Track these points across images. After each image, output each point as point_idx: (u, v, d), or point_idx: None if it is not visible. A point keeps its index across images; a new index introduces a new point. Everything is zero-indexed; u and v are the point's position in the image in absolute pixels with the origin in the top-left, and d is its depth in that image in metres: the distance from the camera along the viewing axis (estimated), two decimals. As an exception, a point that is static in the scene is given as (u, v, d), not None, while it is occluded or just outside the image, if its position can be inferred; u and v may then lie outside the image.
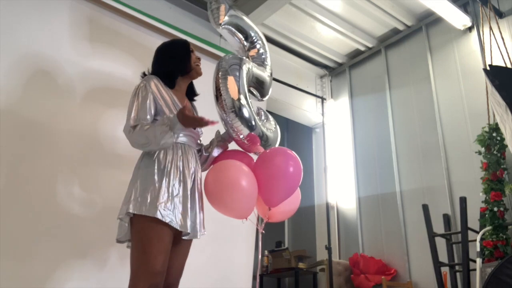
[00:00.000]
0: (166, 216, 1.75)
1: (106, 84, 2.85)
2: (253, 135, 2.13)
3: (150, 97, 1.90)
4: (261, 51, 2.53)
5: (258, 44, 2.54)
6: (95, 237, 2.51)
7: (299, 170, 2.17)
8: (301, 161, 2.21)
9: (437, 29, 4.79)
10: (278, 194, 2.14)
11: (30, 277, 2.26)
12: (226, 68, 2.14)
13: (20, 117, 2.45)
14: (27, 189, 2.37)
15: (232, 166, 2.05)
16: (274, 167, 2.12)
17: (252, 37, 2.53)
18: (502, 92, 3.15)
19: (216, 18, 2.49)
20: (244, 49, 2.53)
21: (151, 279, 1.68)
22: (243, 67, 2.20)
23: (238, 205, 2.03)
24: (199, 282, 2.77)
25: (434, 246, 3.61)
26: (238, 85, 2.11)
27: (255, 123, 2.14)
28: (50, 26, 2.72)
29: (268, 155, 2.19)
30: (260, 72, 2.41)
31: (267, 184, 2.09)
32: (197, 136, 2.06)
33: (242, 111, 2.08)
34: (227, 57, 2.23)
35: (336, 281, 4.45)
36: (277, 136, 2.33)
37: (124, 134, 1.88)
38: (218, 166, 2.06)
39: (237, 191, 1.99)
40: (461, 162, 4.19)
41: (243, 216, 2.07)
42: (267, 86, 2.48)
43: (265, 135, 2.20)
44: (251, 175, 2.06)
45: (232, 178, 2.00)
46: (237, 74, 2.14)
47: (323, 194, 5.23)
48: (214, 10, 2.50)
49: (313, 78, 5.88)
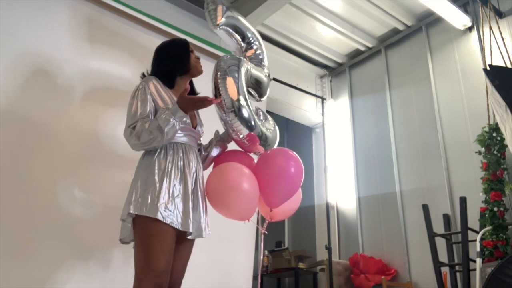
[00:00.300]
0: (167, 217, 1.75)
1: (106, 84, 2.84)
2: (253, 135, 2.14)
3: (149, 98, 1.90)
4: (258, 52, 2.54)
5: (255, 45, 2.54)
6: (97, 238, 2.50)
7: (301, 171, 2.17)
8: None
9: (437, 29, 4.79)
10: (279, 195, 2.14)
11: (32, 278, 2.26)
12: (224, 68, 2.14)
13: (20, 117, 2.45)
14: (27, 189, 2.37)
15: (233, 169, 2.05)
16: (275, 167, 2.12)
17: (249, 38, 2.54)
18: (502, 92, 3.15)
19: (214, 19, 2.49)
20: (242, 50, 2.54)
21: (155, 279, 1.69)
22: (242, 67, 2.20)
23: (240, 208, 2.03)
24: (200, 282, 2.77)
25: (434, 246, 3.61)
26: (237, 85, 2.12)
27: (254, 123, 2.14)
28: (50, 26, 2.71)
29: (269, 156, 2.19)
30: (258, 72, 2.42)
31: (269, 185, 2.09)
32: (197, 136, 2.06)
33: (242, 111, 2.09)
34: (226, 57, 2.23)
35: (336, 281, 4.45)
36: (276, 136, 2.33)
37: (125, 137, 1.86)
38: (219, 169, 2.06)
39: (238, 194, 1.99)
40: (461, 162, 4.19)
41: (245, 218, 2.07)
42: (265, 86, 2.49)
43: (264, 135, 2.21)
44: (253, 177, 2.06)
45: (234, 182, 2.00)
46: (236, 75, 2.14)
47: (323, 194, 5.23)
48: (211, 11, 2.50)
49: (313, 78, 5.88)
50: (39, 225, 2.35)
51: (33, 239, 2.32)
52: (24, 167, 2.39)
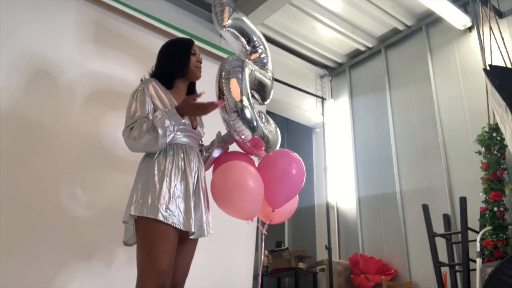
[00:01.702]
0: (168, 218, 1.76)
1: (107, 86, 2.85)
2: (258, 138, 2.15)
3: (148, 100, 1.90)
4: (263, 56, 2.54)
5: (260, 48, 2.55)
6: (99, 238, 2.51)
7: (302, 172, 2.20)
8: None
9: (437, 29, 4.79)
10: (282, 195, 2.16)
11: (34, 279, 2.26)
12: (229, 70, 2.14)
13: (22, 118, 2.45)
14: (28, 190, 2.37)
15: (240, 167, 2.06)
16: (278, 169, 2.14)
17: (255, 42, 2.54)
18: (502, 92, 3.15)
19: (220, 20, 2.50)
20: (246, 53, 2.54)
21: (157, 279, 1.69)
22: (246, 69, 2.21)
23: (246, 206, 2.04)
24: (200, 282, 2.77)
25: (434, 246, 3.61)
26: (240, 86, 2.12)
27: (257, 124, 2.15)
28: (53, 28, 2.72)
29: (271, 157, 2.21)
30: (262, 75, 2.42)
31: (272, 185, 2.11)
32: (198, 137, 2.06)
33: (244, 111, 2.09)
34: (230, 58, 2.23)
35: (336, 281, 4.45)
36: (277, 139, 2.35)
37: (123, 138, 1.86)
38: (225, 167, 2.06)
39: (245, 192, 2.00)
40: (461, 162, 4.19)
41: (249, 218, 2.08)
42: (269, 90, 2.49)
43: (266, 137, 2.22)
44: (258, 176, 2.07)
45: (241, 179, 2.01)
46: (240, 76, 2.15)
47: (323, 194, 5.23)
48: (218, 12, 2.51)
49: (313, 78, 5.88)
50: (41, 226, 2.36)
51: (35, 240, 2.32)
52: (26, 167, 2.39)
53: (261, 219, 2.29)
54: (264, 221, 2.25)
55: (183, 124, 1.91)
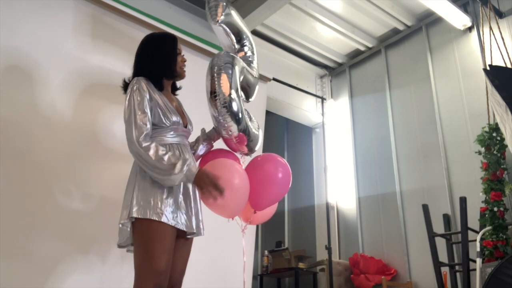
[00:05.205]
0: (171, 220, 1.76)
1: (104, 81, 2.86)
2: (242, 135, 2.18)
3: (146, 104, 1.86)
4: (248, 54, 2.57)
5: (247, 47, 2.58)
6: (95, 231, 2.53)
7: (289, 177, 2.25)
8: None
9: (437, 29, 4.79)
10: (267, 199, 2.20)
11: (31, 273, 2.28)
12: (220, 65, 2.16)
13: (18, 112, 2.46)
14: (24, 185, 2.37)
15: (228, 164, 2.06)
16: (265, 172, 2.19)
17: (244, 41, 2.57)
18: (502, 92, 3.16)
19: (214, 15, 2.51)
20: (234, 50, 2.56)
21: (155, 279, 1.69)
22: (236, 65, 2.24)
23: (231, 204, 2.01)
24: (199, 282, 2.78)
25: (434, 246, 3.61)
26: (230, 81, 2.14)
27: (241, 117, 2.16)
28: (52, 26, 2.73)
29: (259, 161, 2.25)
30: (249, 73, 2.45)
31: (257, 188, 2.12)
32: (188, 134, 2.05)
33: (232, 104, 2.11)
34: (220, 54, 2.25)
35: (336, 281, 4.45)
36: (258, 138, 2.36)
37: (128, 142, 1.81)
38: (213, 164, 2.05)
39: (232, 190, 1.98)
40: (461, 162, 4.19)
41: (231, 216, 2.08)
42: (254, 88, 2.51)
43: (248, 130, 2.23)
44: (246, 176, 2.07)
45: (228, 176, 1.99)
46: (230, 72, 2.17)
47: (323, 194, 5.22)
48: (212, 7, 2.52)
49: (313, 78, 5.88)
50: (37, 220, 2.36)
51: (32, 235, 2.33)
52: (22, 162, 2.40)
53: (242, 220, 2.29)
54: (244, 222, 2.27)
55: (176, 123, 1.91)
